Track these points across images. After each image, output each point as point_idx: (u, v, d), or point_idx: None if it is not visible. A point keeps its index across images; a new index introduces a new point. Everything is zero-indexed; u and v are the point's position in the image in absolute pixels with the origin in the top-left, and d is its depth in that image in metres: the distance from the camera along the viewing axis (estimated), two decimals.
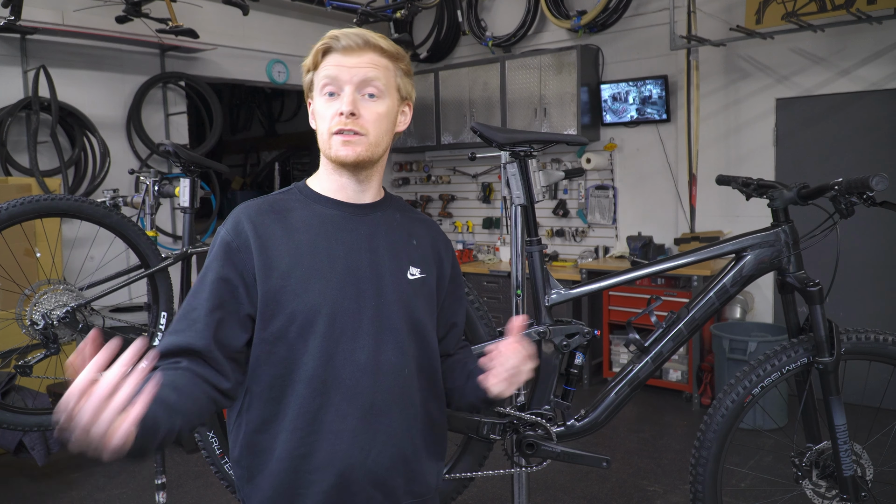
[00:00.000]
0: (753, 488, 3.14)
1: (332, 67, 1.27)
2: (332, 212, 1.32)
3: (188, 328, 1.21)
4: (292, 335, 1.23)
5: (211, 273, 1.25)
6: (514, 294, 2.08)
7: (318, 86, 1.29)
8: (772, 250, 1.88)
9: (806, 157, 4.45)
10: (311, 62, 1.30)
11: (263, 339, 1.24)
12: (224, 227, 1.29)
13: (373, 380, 1.25)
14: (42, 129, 4.28)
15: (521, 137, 1.90)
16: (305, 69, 1.33)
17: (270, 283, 1.23)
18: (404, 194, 6.52)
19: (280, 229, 1.27)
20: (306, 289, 1.24)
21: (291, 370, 1.24)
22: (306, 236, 1.28)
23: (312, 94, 1.33)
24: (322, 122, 1.29)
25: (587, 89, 5.13)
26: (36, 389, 3.47)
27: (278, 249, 1.25)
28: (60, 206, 2.37)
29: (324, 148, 1.30)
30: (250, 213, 1.29)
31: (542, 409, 1.92)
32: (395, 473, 1.30)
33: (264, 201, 1.33)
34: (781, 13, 4.03)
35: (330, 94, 1.27)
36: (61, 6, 4.31)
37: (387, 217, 1.37)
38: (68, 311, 2.43)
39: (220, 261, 1.25)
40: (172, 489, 3.32)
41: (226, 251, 1.25)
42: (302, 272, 1.25)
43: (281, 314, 1.23)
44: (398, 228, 1.37)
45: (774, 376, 1.89)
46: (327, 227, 1.30)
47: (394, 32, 5.15)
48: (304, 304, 1.23)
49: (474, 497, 3.22)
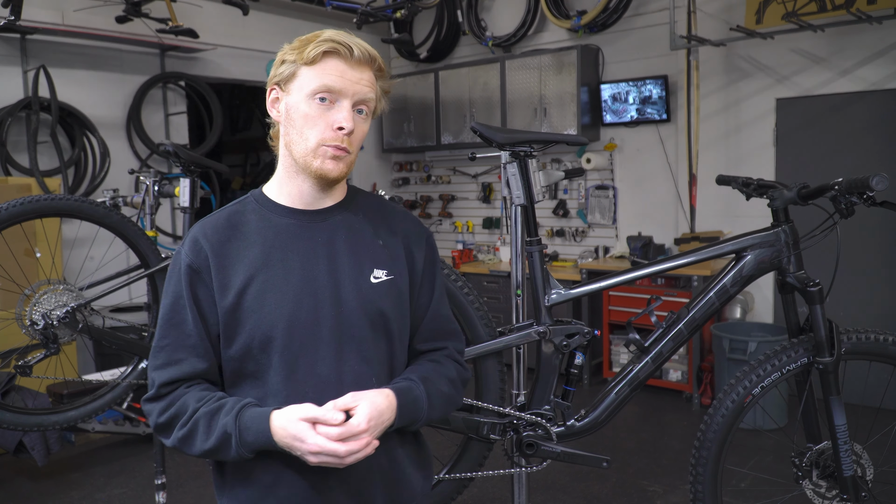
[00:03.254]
0: (753, 488, 3.14)
1: (335, 77, 1.21)
2: (287, 220, 1.27)
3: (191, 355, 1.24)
4: (255, 351, 1.23)
5: (185, 298, 1.24)
6: (514, 294, 2.07)
7: (311, 88, 1.21)
8: (772, 250, 1.88)
9: (806, 157, 4.45)
10: (307, 56, 1.21)
11: (230, 356, 1.25)
12: (183, 247, 1.27)
13: (337, 391, 1.20)
14: (42, 129, 4.28)
15: (521, 137, 1.90)
16: (291, 58, 1.23)
17: (227, 301, 1.23)
18: (404, 194, 6.52)
19: (235, 245, 1.25)
20: (262, 304, 1.22)
21: (263, 385, 1.24)
22: (260, 249, 1.25)
23: (289, 87, 1.24)
24: (310, 129, 1.22)
25: (587, 89, 5.13)
26: (36, 389, 3.47)
27: (234, 267, 1.24)
28: (60, 206, 2.36)
29: (304, 153, 1.23)
30: (207, 231, 1.27)
31: (542, 409, 1.92)
32: (370, 485, 1.27)
33: (220, 217, 1.30)
34: (781, 13, 4.02)
35: (322, 99, 1.21)
36: (61, 6, 4.31)
37: (348, 219, 1.31)
38: (68, 311, 2.43)
39: (187, 283, 1.24)
40: (172, 489, 3.32)
41: (188, 273, 1.24)
42: (257, 287, 1.23)
43: (241, 332, 1.23)
44: (361, 229, 1.32)
45: (774, 376, 1.89)
46: (282, 238, 1.26)
47: (394, 32, 5.16)
48: (261, 321, 1.22)
49: (474, 497, 3.22)
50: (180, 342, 1.24)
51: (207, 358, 1.25)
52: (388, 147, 6.33)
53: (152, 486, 2.93)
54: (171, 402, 1.23)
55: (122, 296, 3.67)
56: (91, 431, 3.77)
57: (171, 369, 1.24)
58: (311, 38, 1.22)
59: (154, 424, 1.25)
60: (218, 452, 1.18)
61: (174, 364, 1.24)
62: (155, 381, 1.25)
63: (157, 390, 1.25)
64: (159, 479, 2.84)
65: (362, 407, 1.16)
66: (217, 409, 1.19)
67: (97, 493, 3.37)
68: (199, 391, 1.23)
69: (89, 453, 3.86)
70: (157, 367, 1.26)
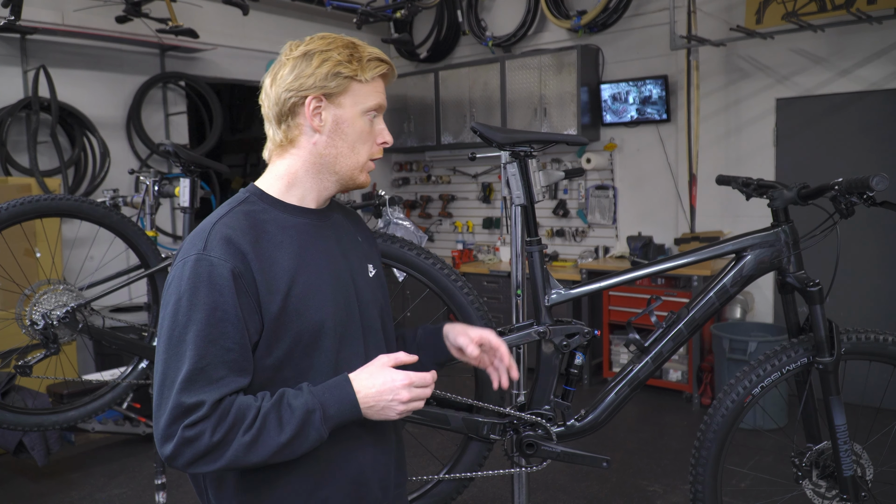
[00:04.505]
0: (753, 488, 3.14)
1: (382, 95, 1.28)
2: (301, 220, 1.26)
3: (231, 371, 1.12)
4: (298, 356, 1.20)
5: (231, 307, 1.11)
6: (514, 294, 2.07)
7: (367, 105, 1.25)
8: (772, 250, 1.88)
9: (806, 157, 4.45)
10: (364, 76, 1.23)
11: (267, 366, 1.18)
12: (211, 251, 1.13)
13: None
14: (42, 129, 4.28)
15: (521, 137, 1.89)
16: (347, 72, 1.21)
17: (274, 306, 1.16)
18: (404, 194, 6.52)
19: (267, 246, 1.19)
20: (307, 306, 1.20)
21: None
22: (290, 250, 1.21)
23: (341, 101, 1.23)
24: (363, 144, 1.27)
25: (587, 89, 5.13)
26: (36, 389, 3.47)
27: (273, 269, 1.17)
28: (60, 206, 2.36)
29: (351, 167, 1.27)
30: (236, 231, 1.16)
31: (542, 409, 1.92)
32: (390, 468, 1.35)
33: (238, 216, 1.20)
34: (781, 13, 4.02)
35: (373, 117, 1.28)
36: (61, 6, 4.31)
37: (338, 220, 1.37)
38: (68, 311, 2.43)
39: (231, 291, 1.11)
40: (172, 489, 3.31)
41: (231, 278, 1.12)
42: (300, 289, 1.20)
43: (286, 337, 1.18)
44: (348, 228, 1.39)
45: (774, 376, 1.89)
46: (304, 238, 1.25)
47: (394, 32, 5.15)
48: (308, 323, 1.20)
49: (474, 497, 3.22)
50: (220, 358, 1.11)
51: (248, 372, 1.15)
52: (388, 147, 6.32)
53: (152, 486, 2.93)
54: (222, 414, 1.09)
55: (122, 296, 3.68)
56: (91, 431, 3.77)
57: (210, 389, 1.09)
58: (362, 54, 1.24)
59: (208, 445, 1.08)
60: (294, 442, 1.11)
61: (214, 383, 1.10)
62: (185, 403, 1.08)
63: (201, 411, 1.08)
64: (159, 479, 2.84)
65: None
66: (281, 398, 1.13)
67: (97, 493, 3.37)
68: (248, 398, 1.13)
69: (89, 453, 3.86)
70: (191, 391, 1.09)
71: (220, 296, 1.11)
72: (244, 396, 1.13)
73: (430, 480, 2.06)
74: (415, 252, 2.01)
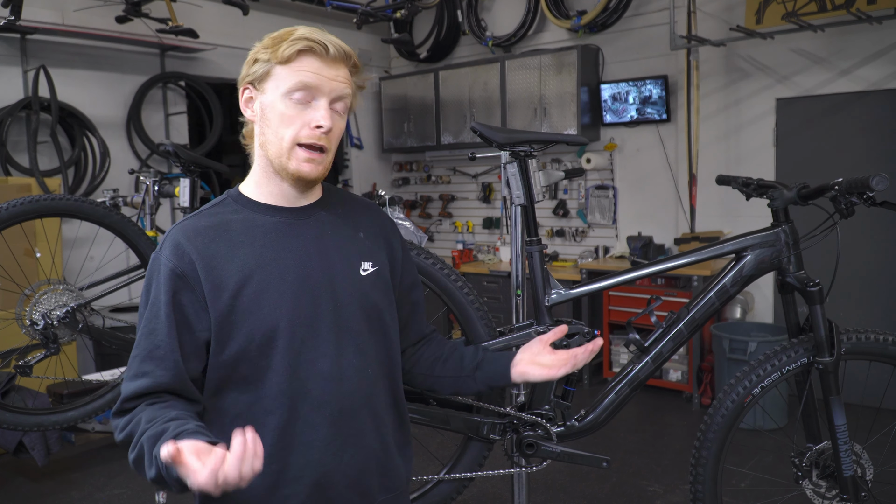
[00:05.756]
0: (753, 488, 3.14)
1: (311, 74, 1.19)
2: (275, 219, 1.26)
3: (157, 367, 1.16)
4: (253, 354, 1.20)
5: (163, 305, 1.17)
6: (514, 294, 2.07)
7: (287, 86, 1.20)
8: (772, 250, 1.88)
9: (806, 157, 4.45)
10: (281, 55, 1.19)
11: (222, 362, 1.20)
12: (162, 251, 1.21)
13: (337, 386, 1.24)
14: (42, 129, 4.28)
15: (521, 137, 1.89)
16: (265, 56, 1.21)
17: (221, 304, 1.18)
18: (404, 194, 6.52)
19: (223, 246, 1.21)
20: (260, 305, 1.20)
21: (257, 388, 1.22)
22: (251, 249, 1.22)
23: (264, 87, 1.22)
24: (286, 128, 1.20)
25: (587, 89, 5.13)
26: (36, 389, 3.47)
27: (224, 268, 1.19)
28: (60, 206, 2.36)
29: (278, 154, 1.22)
30: (188, 233, 1.21)
31: (542, 410, 1.92)
32: (368, 473, 1.30)
33: (200, 217, 1.25)
34: (781, 13, 4.02)
35: (298, 98, 1.20)
36: (61, 6, 4.31)
37: (330, 214, 1.33)
38: (68, 311, 2.43)
39: (169, 289, 1.18)
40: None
41: (171, 278, 1.18)
42: (253, 288, 1.20)
43: (238, 335, 1.19)
44: (344, 224, 1.34)
45: (774, 376, 1.89)
46: (272, 237, 1.24)
47: (394, 32, 5.15)
48: (261, 322, 1.19)
49: (474, 497, 3.22)
50: (149, 352, 1.17)
51: (175, 369, 1.17)
52: (388, 147, 6.33)
53: (152, 486, 2.93)
54: (129, 419, 1.15)
55: (122, 296, 3.67)
56: (91, 431, 3.77)
57: (136, 382, 1.16)
58: (285, 36, 1.21)
59: (118, 441, 1.17)
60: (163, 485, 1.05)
61: (140, 377, 1.17)
62: (121, 394, 1.18)
63: (120, 405, 1.17)
64: None
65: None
66: (160, 434, 1.06)
67: (97, 493, 3.37)
68: (154, 410, 1.13)
69: (89, 453, 3.86)
70: (126, 379, 1.19)
71: (158, 293, 1.19)
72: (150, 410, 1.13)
73: (429, 481, 2.06)
74: (415, 252, 2.01)
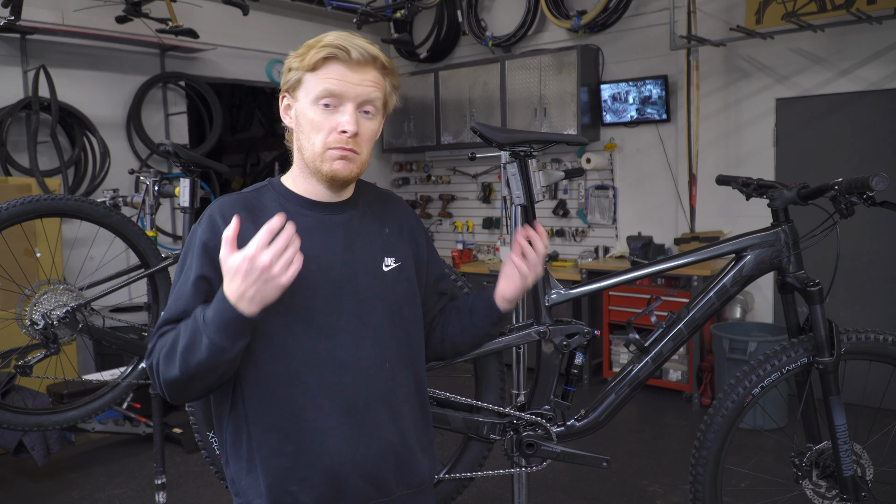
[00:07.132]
0: (753, 488, 3.14)
1: (336, 81, 1.25)
2: (305, 211, 1.32)
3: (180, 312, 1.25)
4: (269, 337, 1.25)
5: (193, 275, 1.25)
6: None
7: (314, 94, 1.26)
8: (772, 250, 1.88)
9: (806, 157, 4.45)
10: (308, 63, 1.26)
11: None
12: (199, 225, 1.29)
13: (353, 377, 1.28)
14: (42, 129, 4.28)
15: (521, 137, 1.89)
16: (296, 65, 1.28)
17: None
18: (404, 194, 6.52)
19: (253, 228, 1.22)
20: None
21: (274, 371, 1.26)
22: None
23: (297, 94, 1.29)
24: (316, 134, 1.27)
25: (587, 89, 5.13)
26: (36, 389, 3.47)
27: None
28: (60, 206, 2.37)
29: (312, 158, 1.29)
30: (224, 210, 1.28)
31: (542, 409, 1.92)
32: (385, 467, 1.32)
33: (239, 197, 1.32)
34: (781, 13, 4.02)
35: (326, 104, 1.26)
36: (61, 6, 4.31)
37: (360, 211, 1.38)
38: (68, 311, 2.43)
39: (200, 260, 1.25)
40: (172, 489, 3.32)
41: (203, 250, 1.25)
42: None
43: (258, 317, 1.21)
44: (371, 220, 1.39)
45: (774, 376, 1.89)
46: (299, 228, 1.25)
47: (394, 32, 5.16)
48: (281, 307, 1.22)
49: (474, 497, 3.22)
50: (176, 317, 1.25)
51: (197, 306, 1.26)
52: (388, 147, 6.33)
53: (152, 486, 2.93)
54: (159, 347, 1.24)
55: (122, 296, 3.67)
56: (91, 431, 3.77)
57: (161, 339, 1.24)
58: (313, 44, 1.27)
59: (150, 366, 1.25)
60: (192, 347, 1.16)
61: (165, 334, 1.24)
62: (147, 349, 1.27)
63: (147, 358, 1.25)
64: (159, 479, 2.84)
65: None
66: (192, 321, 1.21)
67: (97, 493, 3.37)
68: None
69: (89, 453, 3.87)
70: (151, 337, 1.27)
71: (190, 263, 1.27)
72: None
73: None
74: None
